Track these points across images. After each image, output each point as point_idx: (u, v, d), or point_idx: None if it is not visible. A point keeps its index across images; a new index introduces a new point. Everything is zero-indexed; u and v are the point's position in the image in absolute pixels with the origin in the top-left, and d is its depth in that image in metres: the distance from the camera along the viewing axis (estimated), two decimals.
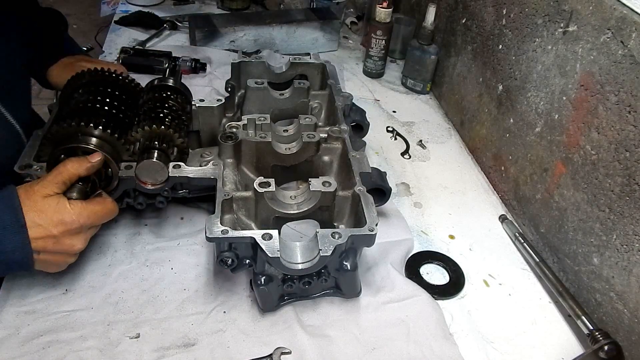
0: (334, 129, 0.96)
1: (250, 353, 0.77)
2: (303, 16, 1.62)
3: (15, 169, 0.80)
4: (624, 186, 0.78)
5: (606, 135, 0.81)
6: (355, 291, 0.86)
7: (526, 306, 0.91)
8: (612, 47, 0.79)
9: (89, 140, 0.79)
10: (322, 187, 0.82)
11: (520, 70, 1.05)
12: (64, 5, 3.89)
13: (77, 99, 0.86)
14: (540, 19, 0.98)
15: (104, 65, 0.94)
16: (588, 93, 0.85)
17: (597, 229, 0.84)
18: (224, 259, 0.75)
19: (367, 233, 0.75)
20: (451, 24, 1.38)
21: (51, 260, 0.75)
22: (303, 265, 0.73)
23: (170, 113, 0.89)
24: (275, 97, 1.06)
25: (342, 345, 0.79)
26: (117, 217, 0.94)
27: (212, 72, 1.44)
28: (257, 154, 0.93)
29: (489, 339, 0.84)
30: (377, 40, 1.48)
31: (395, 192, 1.12)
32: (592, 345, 0.78)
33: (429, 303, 0.85)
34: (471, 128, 1.29)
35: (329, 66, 1.14)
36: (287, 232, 0.94)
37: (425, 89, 1.49)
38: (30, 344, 0.75)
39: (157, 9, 1.76)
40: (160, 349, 0.77)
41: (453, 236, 1.04)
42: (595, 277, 0.85)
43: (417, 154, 1.26)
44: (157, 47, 1.53)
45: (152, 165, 0.81)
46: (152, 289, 0.85)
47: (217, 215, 0.75)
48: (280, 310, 0.83)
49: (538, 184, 1.00)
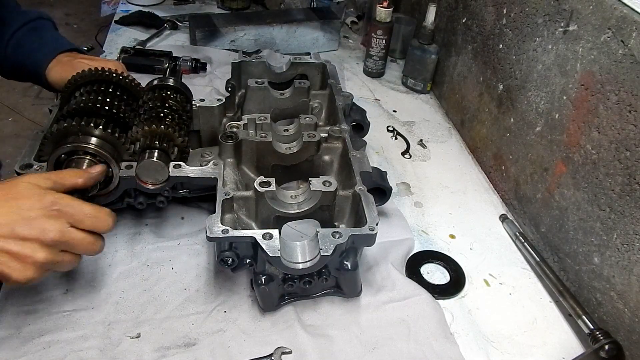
0: (334, 129, 0.96)
1: (250, 353, 0.77)
2: (303, 16, 1.62)
3: (16, 169, 0.80)
4: (625, 185, 0.78)
5: (607, 134, 0.81)
6: (355, 291, 0.86)
7: (527, 305, 0.90)
8: (612, 47, 0.79)
9: (89, 140, 0.79)
10: (322, 186, 0.82)
11: (521, 70, 1.05)
12: (64, 5, 3.90)
13: (78, 99, 0.86)
14: (541, 18, 0.98)
15: (103, 64, 0.94)
16: (588, 92, 0.85)
17: (598, 228, 0.84)
18: (225, 259, 0.75)
19: (367, 232, 0.75)
20: (451, 24, 1.38)
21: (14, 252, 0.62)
22: (303, 264, 0.73)
23: (171, 113, 0.89)
24: (276, 97, 1.06)
25: (343, 344, 0.79)
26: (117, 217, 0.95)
27: (213, 72, 1.44)
28: (258, 153, 0.93)
29: (489, 339, 0.84)
30: (378, 40, 1.48)
31: (395, 192, 1.12)
32: (593, 344, 0.78)
33: (429, 302, 0.85)
34: (471, 127, 1.29)
35: (329, 66, 1.14)
36: (288, 231, 0.94)
37: (425, 88, 1.49)
38: (30, 344, 0.75)
39: (157, 8, 1.76)
40: (160, 348, 0.77)
41: (453, 236, 1.04)
42: (596, 276, 0.85)
43: (417, 154, 1.26)
44: (157, 46, 1.53)
45: (152, 165, 0.81)
46: (152, 288, 0.85)
47: (218, 214, 0.75)
48: (280, 310, 0.83)
49: (538, 184, 1.00)
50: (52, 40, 1.02)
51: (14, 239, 0.63)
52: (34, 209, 0.64)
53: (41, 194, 0.66)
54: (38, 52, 0.99)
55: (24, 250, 0.63)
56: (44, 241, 0.64)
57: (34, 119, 2.70)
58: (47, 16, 1.07)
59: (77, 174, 0.73)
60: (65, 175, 0.72)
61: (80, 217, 0.68)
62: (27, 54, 1.00)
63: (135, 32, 1.62)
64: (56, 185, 0.69)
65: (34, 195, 0.65)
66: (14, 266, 0.63)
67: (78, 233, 0.67)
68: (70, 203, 0.67)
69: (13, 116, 2.81)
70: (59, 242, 0.65)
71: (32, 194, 0.65)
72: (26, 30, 1.00)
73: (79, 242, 0.68)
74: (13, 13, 1.02)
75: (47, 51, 0.99)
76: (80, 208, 0.68)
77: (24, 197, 0.65)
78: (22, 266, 0.63)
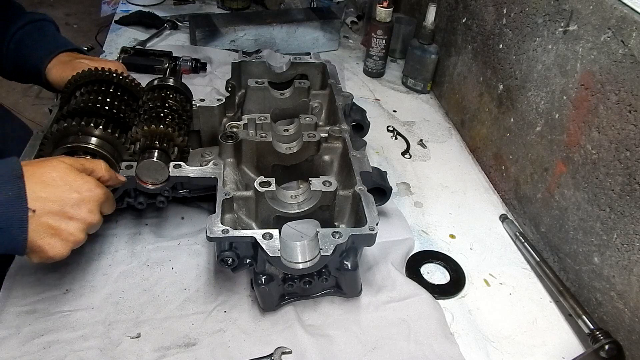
0: (334, 129, 0.96)
1: (250, 353, 0.77)
2: (303, 16, 1.62)
3: None
4: (625, 185, 0.78)
5: (607, 134, 0.81)
6: (355, 291, 0.86)
7: (527, 305, 0.91)
8: (612, 47, 0.79)
9: (89, 140, 0.79)
10: (322, 186, 0.82)
11: (521, 70, 1.05)
12: (64, 5, 3.90)
13: (78, 99, 0.86)
14: (541, 18, 0.98)
15: (103, 64, 0.94)
16: (588, 92, 0.85)
17: (598, 228, 0.84)
18: (225, 259, 0.75)
19: (367, 232, 0.75)
20: (452, 24, 1.38)
21: (53, 225, 0.66)
22: (304, 264, 0.73)
23: (171, 113, 0.89)
24: (276, 97, 1.06)
25: (343, 344, 0.79)
26: (117, 217, 0.95)
27: (213, 72, 1.44)
28: (258, 153, 0.93)
29: (489, 338, 0.84)
30: (378, 40, 1.48)
31: (395, 192, 1.12)
32: (593, 344, 0.78)
33: (429, 302, 0.85)
34: (472, 127, 1.29)
35: (329, 66, 1.14)
36: (288, 231, 0.94)
37: (425, 88, 1.49)
38: (30, 344, 0.75)
39: (157, 8, 1.76)
40: (160, 348, 0.77)
41: (454, 235, 1.04)
42: (596, 276, 0.85)
43: (417, 154, 1.26)
44: (157, 46, 1.53)
45: (152, 165, 0.81)
46: (152, 288, 0.85)
47: (218, 214, 0.75)
48: (280, 310, 0.83)
49: (539, 184, 1.00)
50: (53, 39, 1.03)
51: (62, 217, 0.66)
52: (82, 190, 0.68)
53: (83, 177, 0.70)
54: (39, 50, 0.99)
55: (69, 228, 0.67)
56: (88, 223, 0.69)
57: (34, 119, 2.70)
58: (50, 19, 1.08)
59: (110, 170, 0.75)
60: (97, 164, 0.74)
61: (105, 202, 0.73)
62: (28, 51, 1.00)
63: (135, 32, 1.62)
64: (83, 167, 0.72)
65: (78, 178, 0.68)
66: (54, 243, 0.66)
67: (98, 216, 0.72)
68: (101, 189, 0.72)
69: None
70: (94, 225, 0.70)
71: (75, 176, 0.69)
72: (29, 29, 1.02)
73: (97, 223, 0.72)
74: (18, 12, 1.04)
75: (48, 49, 0.99)
76: (107, 195, 0.73)
77: (69, 177, 0.68)
78: (62, 244, 0.67)
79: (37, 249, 0.66)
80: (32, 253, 0.67)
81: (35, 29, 1.02)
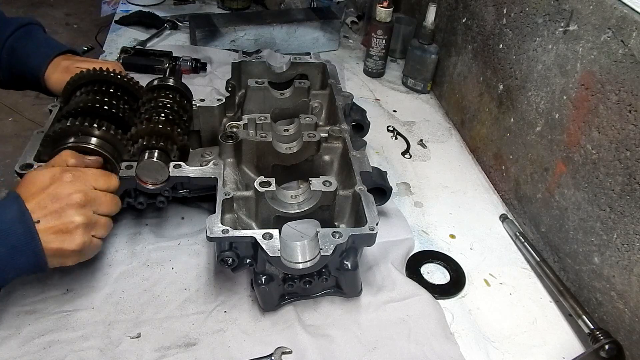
0: (334, 129, 0.96)
1: (251, 353, 0.77)
2: (303, 16, 1.62)
3: (16, 169, 0.80)
4: (625, 185, 0.78)
5: (607, 134, 0.81)
6: (356, 291, 0.86)
7: (527, 305, 0.91)
8: (612, 47, 0.79)
9: (89, 140, 0.79)
10: (322, 186, 0.82)
11: (521, 70, 1.05)
12: (64, 5, 3.90)
13: (78, 99, 0.86)
14: (541, 18, 0.98)
15: (102, 65, 0.94)
16: (588, 92, 0.85)
17: (598, 228, 0.84)
18: (225, 259, 0.75)
19: (367, 232, 0.75)
20: (452, 24, 1.38)
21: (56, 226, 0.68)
22: (304, 264, 0.73)
23: (171, 113, 0.89)
24: (276, 97, 1.06)
25: (343, 344, 0.79)
26: (117, 216, 0.94)
27: (213, 72, 1.44)
28: (258, 153, 0.93)
29: (489, 338, 0.84)
30: (378, 40, 1.48)
31: (395, 192, 1.12)
32: (593, 344, 0.78)
33: (429, 302, 0.85)
34: (472, 127, 1.29)
35: (329, 66, 1.14)
36: (288, 231, 0.94)
37: (425, 88, 1.49)
38: (30, 344, 0.75)
39: (157, 8, 1.76)
40: (161, 348, 0.77)
41: (454, 235, 1.04)
42: (596, 276, 0.85)
43: (417, 154, 1.26)
44: (157, 46, 1.53)
45: (152, 165, 0.81)
46: (152, 288, 0.85)
47: (218, 214, 0.75)
48: (281, 310, 0.83)
49: (539, 183, 1.00)
50: (46, 43, 1.01)
51: (50, 216, 0.68)
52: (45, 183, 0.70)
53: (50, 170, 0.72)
54: (33, 57, 0.98)
55: (62, 220, 0.68)
56: (75, 204, 0.70)
57: (34, 119, 2.70)
58: (36, 21, 1.05)
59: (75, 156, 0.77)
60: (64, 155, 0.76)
61: (91, 177, 0.74)
62: (22, 59, 0.99)
63: (136, 32, 1.62)
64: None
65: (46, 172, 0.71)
66: (63, 238, 0.68)
67: (97, 192, 0.74)
68: (77, 168, 0.73)
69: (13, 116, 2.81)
70: (86, 201, 0.71)
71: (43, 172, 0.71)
72: (18, 36, 0.99)
73: (102, 199, 0.74)
74: (2, 21, 1.01)
75: (43, 54, 0.97)
76: (86, 170, 0.74)
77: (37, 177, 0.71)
78: (69, 235, 0.69)
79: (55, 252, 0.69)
80: (53, 258, 0.69)
81: (25, 34, 1.00)
